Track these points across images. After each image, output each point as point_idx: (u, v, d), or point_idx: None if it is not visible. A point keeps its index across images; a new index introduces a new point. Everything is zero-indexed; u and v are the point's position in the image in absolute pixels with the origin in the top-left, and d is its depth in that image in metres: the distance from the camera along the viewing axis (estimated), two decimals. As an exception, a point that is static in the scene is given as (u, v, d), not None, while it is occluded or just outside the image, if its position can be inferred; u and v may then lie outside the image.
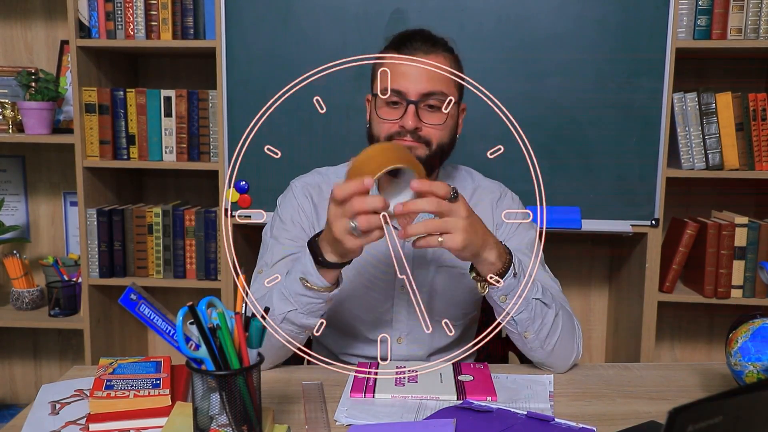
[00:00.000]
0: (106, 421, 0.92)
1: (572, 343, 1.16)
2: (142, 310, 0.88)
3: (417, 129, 1.16)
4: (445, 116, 1.18)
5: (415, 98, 1.16)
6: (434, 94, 1.16)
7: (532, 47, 1.85)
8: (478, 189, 1.34)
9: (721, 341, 2.25)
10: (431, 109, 1.18)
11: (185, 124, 2.01)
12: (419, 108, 1.16)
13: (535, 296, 1.09)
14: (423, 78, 1.16)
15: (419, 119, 1.16)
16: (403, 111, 1.16)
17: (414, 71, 1.16)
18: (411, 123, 1.15)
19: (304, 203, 1.29)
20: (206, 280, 2.08)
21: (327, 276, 1.04)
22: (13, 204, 2.34)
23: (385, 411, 0.99)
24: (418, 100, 1.16)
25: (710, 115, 1.89)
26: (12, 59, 2.27)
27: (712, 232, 1.91)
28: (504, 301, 1.07)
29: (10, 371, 2.45)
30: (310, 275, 1.03)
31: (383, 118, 1.19)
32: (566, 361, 1.16)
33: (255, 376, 0.84)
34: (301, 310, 1.06)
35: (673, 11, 1.80)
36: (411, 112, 1.15)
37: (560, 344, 1.13)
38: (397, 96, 1.17)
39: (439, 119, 1.18)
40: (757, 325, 0.98)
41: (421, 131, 1.17)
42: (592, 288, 2.28)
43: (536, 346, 1.12)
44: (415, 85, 1.15)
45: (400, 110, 1.17)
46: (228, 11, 1.90)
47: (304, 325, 1.08)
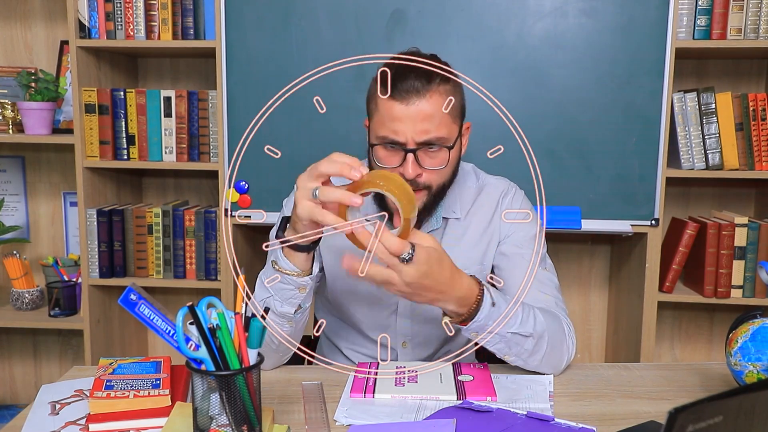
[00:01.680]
0: (106, 422, 0.92)
1: (561, 351, 1.14)
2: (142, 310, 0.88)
3: (418, 176, 1.13)
4: (446, 158, 1.14)
5: (413, 146, 1.11)
6: (432, 142, 1.12)
7: (532, 47, 1.85)
8: (483, 189, 1.32)
9: (721, 341, 2.25)
10: (431, 150, 1.13)
11: (185, 124, 2.01)
12: (418, 153, 1.12)
13: (511, 330, 1.05)
14: (418, 125, 1.10)
15: (419, 165, 1.12)
16: (402, 157, 1.12)
17: (409, 118, 1.09)
18: (411, 172, 1.11)
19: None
20: (206, 281, 2.08)
21: (294, 259, 1.04)
22: (13, 204, 2.34)
23: (385, 411, 0.99)
24: (417, 148, 1.11)
25: (710, 115, 1.89)
26: (12, 59, 2.27)
27: (712, 232, 1.91)
28: (476, 337, 1.05)
29: (10, 371, 2.45)
30: (279, 258, 1.05)
31: (382, 165, 1.14)
32: (557, 367, 1.14)
33: (255, 376, 0.84)
34: (276, 297, 1.07)
35: (673, 11, 1.80)
36: (411, 162, 1.11)
37: (546, 358, 1.11)
38: (394, 145, 1.13)
39: (441, 162, 1.14)
40: (757, 325, 0.98)
41: (421, 177, 1.14)
42: (592, 288, 2.28)
43: (521, 364, 1.11)
44: (413, 134, 1.10)
45: (399, 154, 1.13)
46: (228, 11, 1.90)
47: (281, 313, 1.09)
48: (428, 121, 1.10)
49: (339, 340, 1.38)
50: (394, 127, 1.11)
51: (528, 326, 1.07)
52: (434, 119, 1.11)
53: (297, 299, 1.08)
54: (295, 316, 1.10)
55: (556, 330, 1.13)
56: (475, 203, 1.30)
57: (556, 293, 1.23)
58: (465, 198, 1.30)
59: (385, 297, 1.28)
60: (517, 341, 1.07)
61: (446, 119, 1.13)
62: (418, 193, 1.14)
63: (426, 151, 1.13)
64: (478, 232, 1.29)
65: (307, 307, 1.12)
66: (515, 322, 1.05)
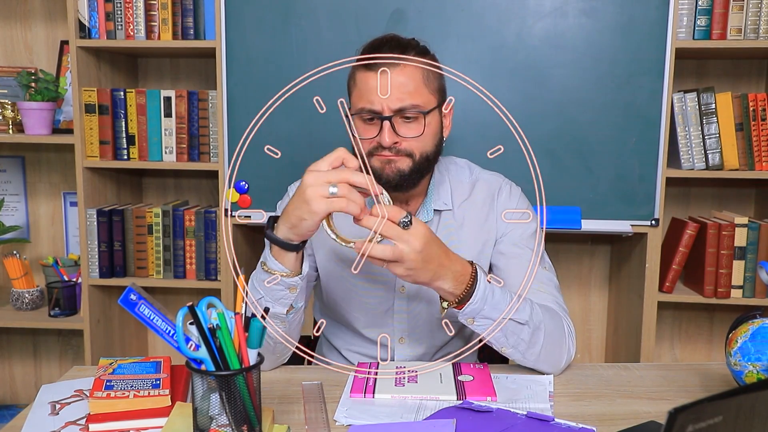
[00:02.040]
0: (106, 422, 0.93)
1: (560, 349, 1.14)
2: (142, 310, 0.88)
3: (396, 143, 1.15)
4: (422, 127, 1.16)
5: (389, 113, 1.14)
6: (407, 108, 1.14)
7: (532, 47, 1.85)
8: (477, 183, 1.33)
9: (721, 341, 2.25)
10: (408, 120, 1.16)
11: (185, 125, 2.01)
12: (395, 121, 1.15)
13: (506, 316, 1.06)
14: (394, 92, 1.13)
15: (396, 133, 1.15)
16: (380, 126, 1.15)
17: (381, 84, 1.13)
18: (388, 140, 1.14)
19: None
20: (206, 281, 2.08)
21: (283, 260, 1.04)
22: (13, 204, 2.34)
23: (385, 411, 0.99)
24: (392, 116, 1.14)
25: (710, 115, 1.89)
26: (12, 59, 2.27)
27: (712, 232, 1.91)
28: (472, 323, 1.06)
29: (10, 371, 2.45)
30: (268, 259, 1.05)
31: (362, 137, 1.17)
32: (556, 366, 1.15)
33: (255, 376, 0.84)
34: (267, 297, 1.07)
35: (673, 11, 1.80)
36: (387, 129, 1.14)
37: (544, 353, 1.12)
38: (372, 113, 1.16)
39: (417, 130, 1.16)
40: (757, 325, 0.98)
41: (400, 145, 1.16)
42: (592, 288, 2.28)
43: (517, 358, 1.12)
44: (388, 102, 1.14)
45: (377, 125, 1.16)
46: (228, 11, 1.90)
47: (273, 314, 1.09)
48: (402, 88, 1.14)
49: (337, 340, 1.38)
50: (370, 97, 1.15)
51: (524, 314, 1.08)
52: (408, 87, 1.14)
53: (288, 299, 1.08)
54: (287, 317, 1.10)
55: (556, 327, 1.14)
56: (468, 198, 1.31)
57: (557, 294, 1.24)
58: (457, 191, 1.31)
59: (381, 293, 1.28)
60: (513, 329, 1.08)
61: (422, 89, 1.16)
62: (399, 158, 1.17)
63: (403, 119, 1.16)
64: (474, 227, 1.29)
65: (300, 307, 1.12)
66: (511, 310, 1.07)
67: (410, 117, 1.16)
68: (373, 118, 1.16)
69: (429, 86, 1.17)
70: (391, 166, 1.17)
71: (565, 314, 1.20)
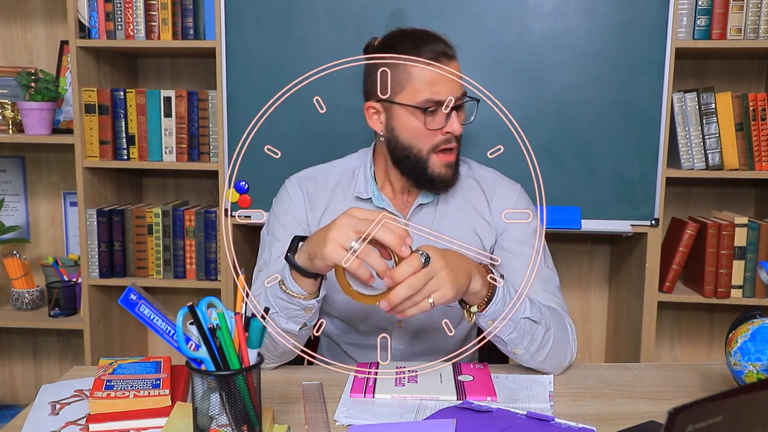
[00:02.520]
0: (106, 422, 0.93)
1: (565, 349, 1.15)
2: (142, 310, 0.88)
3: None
4: (472, 111, 1.20)
5: (459, 102, 1.16)
6: (463, 95, 1.18)
7: (532, 47, 1.85)
8: (473, 178, 1.33)
9: (721, 341, 2.25)
10: (460, 108, 1.19)
11: (185, 125, 2.01)
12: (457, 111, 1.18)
13: (523, 315, 1.06)
14: (454, 81, 1.16)
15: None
16: (444, 117, 1.16)
17: (446, 78, 1.15)
18: (459, 128, 1.16)
19: (297, 196, 1.29)
20: (206, 281, 2.08)
21: (302, 283, 1.01)
22: (13, 204, 2.34)
23: (385, 411, 0.99)
24: (457, 106, 1.16)
25: (710, 115, 1.89)
26: (12, 59, 2.27)
27: (712, 232, 1.91)
28: (491, 325, 1.05)
29: (10, 371, 2.45)
30: (286, 279, 1.02)
31: (433, 127, 1.16)
32: (559, 366, 1.15)
33: (255, 376, 0.84)
34: (281, 314, 1.05)
35: (673, 11, 1.80)
36: (455, 118, 1.16)
37: (552, 354, 1.12)
38: (438, 105, 1.16)
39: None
40: (757, 325, 0.98)
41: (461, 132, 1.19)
42: (592, 288, 2.28)
43: (527, 359, 1.12)
44: (454, 89, 1.16)
45: (438, 115, 1.16)
46: (228, 11, 1.90)
47: (284, 329, 1.06)
48: (460, 80, 1.18)
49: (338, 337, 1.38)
50: (435, 89, 1.15)
51: (537, 314, 1.08)
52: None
53: (302, 318, 1.06)
54: (300, 333, 1.08)
55: (561, 327, 1.14)
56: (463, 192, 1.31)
57: (558, 294, 1.24)
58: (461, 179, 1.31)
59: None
60: (529, 329, 1.07)
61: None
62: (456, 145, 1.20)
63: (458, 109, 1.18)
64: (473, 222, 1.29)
65: (311, 324, 1.10)
66: (526, 308, 1.07)
67: (459, 105, 1.18)
68: (435, 110, 1.16)
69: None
70: (452, 156, 1.20)
71: (566, 315, 1.20)
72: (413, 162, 1.20)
